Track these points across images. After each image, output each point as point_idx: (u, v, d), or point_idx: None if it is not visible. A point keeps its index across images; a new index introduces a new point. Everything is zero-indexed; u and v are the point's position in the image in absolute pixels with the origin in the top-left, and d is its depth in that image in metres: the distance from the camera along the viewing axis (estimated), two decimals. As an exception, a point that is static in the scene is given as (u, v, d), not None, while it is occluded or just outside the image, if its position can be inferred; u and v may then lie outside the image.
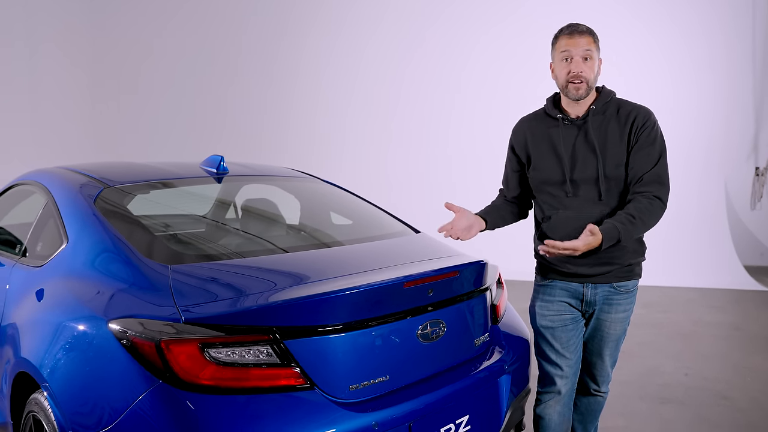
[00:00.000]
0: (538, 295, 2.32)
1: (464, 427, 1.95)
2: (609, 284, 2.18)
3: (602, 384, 2.38)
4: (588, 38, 2.09)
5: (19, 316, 2.17)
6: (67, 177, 2.56)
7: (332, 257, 2.17)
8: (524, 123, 2.32)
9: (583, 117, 2.15)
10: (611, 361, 2.34)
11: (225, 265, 1.99)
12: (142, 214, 2.35)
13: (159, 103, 8.90)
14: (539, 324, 2.29)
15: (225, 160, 2.72)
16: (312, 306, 1.67)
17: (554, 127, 2.20)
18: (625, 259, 2.16)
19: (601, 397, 2.43)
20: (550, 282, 2.26)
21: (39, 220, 2.55)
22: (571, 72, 2.08)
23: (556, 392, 2.28)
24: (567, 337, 2.24)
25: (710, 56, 7.18)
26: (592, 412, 2.46)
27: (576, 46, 2.08)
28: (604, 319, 2.23)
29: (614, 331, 2.25)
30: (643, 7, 7.23)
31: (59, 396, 1.73)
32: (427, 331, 1.89)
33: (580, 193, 2.15)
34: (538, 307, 2.30)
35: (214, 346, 1.58)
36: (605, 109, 2.15)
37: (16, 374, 2.03)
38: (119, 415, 1.58)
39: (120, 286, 1.85)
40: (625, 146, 2.11)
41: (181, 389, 1.54)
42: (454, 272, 1.99)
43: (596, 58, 2.11)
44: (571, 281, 2.20)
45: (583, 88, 2.09)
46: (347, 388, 1.69)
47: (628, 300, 2.22)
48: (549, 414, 2.31)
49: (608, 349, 2.29)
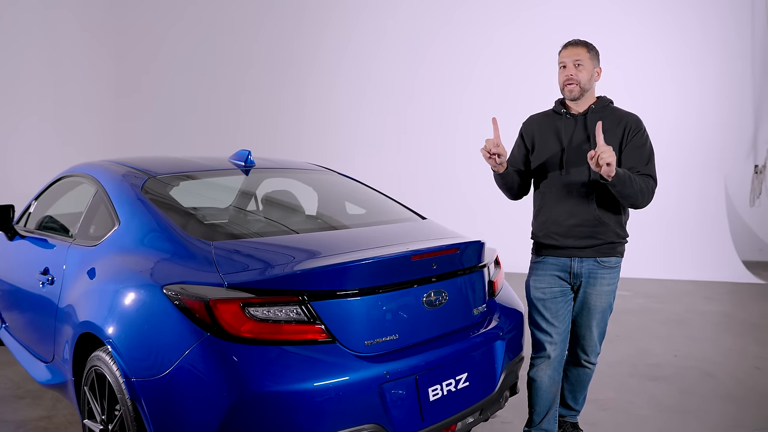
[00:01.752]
0: (532, 272, 2.66)
1: (463, 383, 2.26)
2: (593, 258, 2.51)
3: (591, 355, 2.68)
4: (580, 49, 2.50)
5: (78, 288, 2.51)
6: (114, 169, 2.91)
7: (349, 236, 2.49)
8: (535, 118, 2.72)
9: (584, 113, 2.54)
10: (599, 333, 2.64)
11: (257, 241, 2.31)
12: (182, 200, 2.68)
13: (179, 102, 9.26)
14: (532, 296, 2.62)
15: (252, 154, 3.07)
16: (334, 273, 1.98)
17: (558, 120, 2.60)
18: (608, 237, 2.50)
19: (590, 369, 2.73)
20: (543, 259, 2.61)
21: (90, 207, 2.89)
22: (566, 76, 2.49)
23: (546, 357, 2.58)
24: (557, 307, 2.56)
25: (709, 56, 7.40)
26: (581, 382, 2.76)
27: (569, 56, 2.50)
28: (591, 293, 2.54)
29: (600, 304, 2.56)
30: (643, 8, 7.48)
31: (122, 350, 2.05)
32: (431, 298, 2.21)
33: (571, 175, 2.51)
34: (532, 281, 2.63)
35: (253, 306, 1.90)
36: (603, 111, 2.54)
37: (79, 336, 2.36)
38: (175, 361, 1.90)
39: (169, 258, 2.18)
40: (617, 142, 2.47)
41: (226, 340, 1.86)
42: (455, 249, 2.30)
43: (589, 65, 2.49)
44: (560, 256, 2.54)
45: (576, 90, 2.49)
46: (363, 343, 2.00)
47: (612, 275, 2.54)
48: (540, 377, 2.61)
49: (595, 320, 2.60)
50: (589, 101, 2.55)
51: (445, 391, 2.18)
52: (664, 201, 7.23)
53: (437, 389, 2.15)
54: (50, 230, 3.34)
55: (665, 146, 7.17)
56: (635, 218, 7.44)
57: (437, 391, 2.15)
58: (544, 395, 2.62)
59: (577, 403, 2.82)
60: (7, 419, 3.12)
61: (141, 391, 1.96)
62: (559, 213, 2.54)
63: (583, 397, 2.83)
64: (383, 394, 1.97)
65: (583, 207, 2.50)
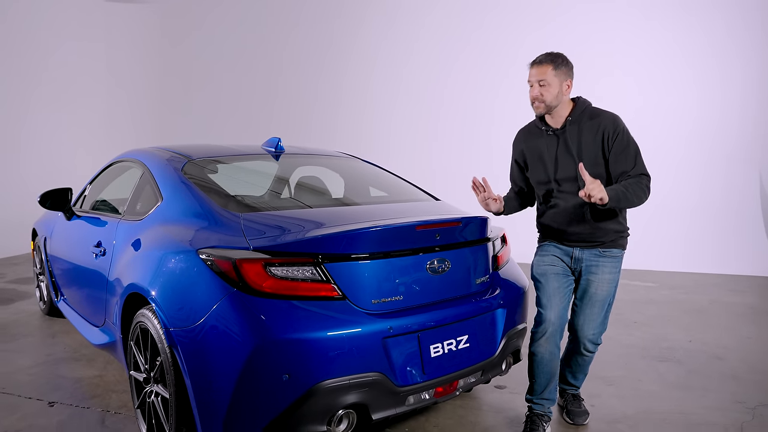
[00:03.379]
0: (537, 253, 2.87)
1: (464, 344, 2.49)
2: (593, 248, 2.68)
3: (590, 344, 2.79)
4: (545, 67, 2.58)
5: (126, 256, 2.85)
6: (158, 153, 3.25)
7: (364, 210, 2.76)
8: (520, 136, 2.89)
9: (562, 127, 2.66)
10: (598, 322, 2.76)
11: (280, 213, 2.60)
12: (216, 179, 3.00)
13: (221, 95, 9.74)
14: (535, 272, 2.82)
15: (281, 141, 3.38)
16: (345, 238, 2.25)
17: (540, 138, 2.75)
18: (608, 237, 2.67)
19: (589, 357, 2.88)
20: (548, 243, 2.83)
21: (137, 187, 3.25)
22: (531, 96, 2.64)
23: (544, 332, 2.73)
24: (557, 284, 2.73)
25: (742, 50, 7.32)
26: (580, 366, 2.93)
27: (533, 76, 2.62)
28: (592, 281, 2.69)
29: (601, 292, 2.69)
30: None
31: (163, 305, 2.36)
32: (434, 266, 2.45)
33: (564, 188, 2.68)
34: (536, 260, 2.84)
35: (274, 266, 2.18)
36: (580, 119, 2.64)
37: (126, 297, 2.69)
38: (206, 312, 2.19)
39: (204, 227, 2.48)
40: (599, 149, 2.59)
41: (250, 294, 2.14)
42: (458, 222, 2.53)
43: (555, 82, 2.58)
44: (562, 245, 2.75)
45: (542, 107, 2.63)
46: (370, 301, 2.26)
47: (614, 264, 2.69)
48: (540, 352, 2.76)
49: (595, 309, 2.72)
50: (564, 112, 2.66)
51: (446, 350, 2.41)
52: (696, 195, 7.25)
53: (438, 347, 2.39)
54: (102, 210, 3.72)
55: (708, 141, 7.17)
56: (664, 211, 7.43)
57: (438, 349, 2.39)
58: (544, 368, 2.77)
59: (576, 380, 2.99)
60: (67, 376, 3.50)
61: (177, 338, 2.26)
62: (558, 223, 2.73)
63: (583, 376, 2.99)
64: (387, 347, 2.22)
65: (578, 218, 2.67)
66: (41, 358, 3.85)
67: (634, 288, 6.10)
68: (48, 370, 3.61)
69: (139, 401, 2.68)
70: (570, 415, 2.94)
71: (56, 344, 4.13)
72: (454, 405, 3.12)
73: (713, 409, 3.08)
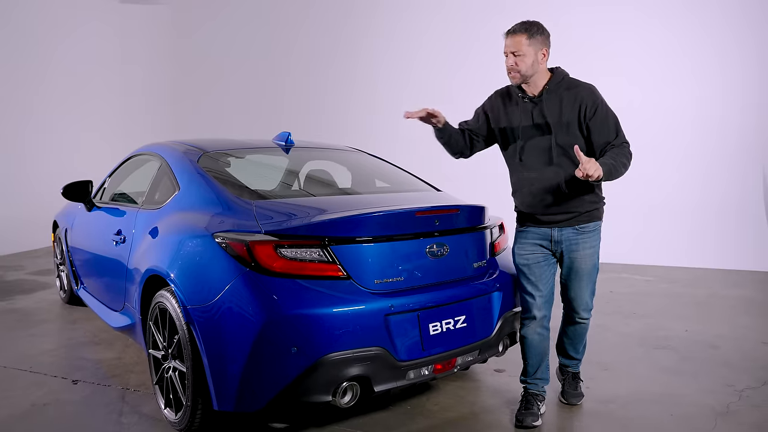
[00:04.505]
0: (517, 240, 2.92)
1: (461, 323, 2.65)
2: (572, 227, 2.77)
3: (583, 312, 2.93)
4: (519, 36, 2.62)
5: (145, 242, 3.04)
6: (175, 146, 3.45)
7: (368, 198, 2.93)
8: (496, 97, 2.90)
9: (539, 95, 2.71)
10: (589, 292, 2.89)
11: (290, 201, 2.78)
12: (230, 170, 3.18)
13: (231, 91, 9.97)
14: (518, 262, 2.90)
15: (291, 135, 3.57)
16: (350, 223, 2.42)
17: (514, 105, 2.78)
18: (584, 208, 2.74)
19: (584, 324, 2.99)
20: (526, 228, 2.87)
21: (155, 178, 3.44)
22: (507, 66, 2.68)
23: (533, 317, 2.87)
24: (540, 272, 2.84)
25: (743, 45, 7.39)
26: (579, 335, 3.06)
27: (507, 47, 2.66)
28: (575, 258, 2.80)
29: (585, 266, 2.81)
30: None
31: (181, 284, 2.54)
32: (433, 250, 2.61)
33: (533, 159, 2.72)
34: (517, 248, 2.90)
35: (283, 247, 2.35)
36: (557, 89, 2.69)
37: (146, 280, 2.88)
38: (221, 291, 2.37)
39: (219, 213, 2.67)
40: (575, 120, 2.65)
41: (261, 274, 2.32)
42: (455, 209, 2.70)
43: (530, 52, 2.61)
44: (540, 226, 2.82)
45: (517, 77, 2.67)
46: (373, 281, 2.43)
47: (593, 238, 2.80)
48: (531, 336, 2.90)
49: (583, 281, 2.84)
50: (542, 81, 2.69)
51: (444, 329, 2.58)
52: (698, 191, 7.34)
53: (437, 326, 2.55)
54: (121, 201, 3.92)
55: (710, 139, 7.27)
56: (666, 208, 7.51)
57: (437, 327, 2.55)
58: (535, 351, 2.91)
59: (577, 352, 3.07)
60: (88, 358, 3.71)
61: (195, 315, 2.44)
62: (532, 197, 2.76)
63: (583, 346, 3.08)
64: (388, 324, 2.39)
65: (551, 189, 2.70)
66: (63, 341, 4.05)
67: (634, 282, 6.23)
68: (70, 353, 3.81)
69: (157, 377, 2.87)
70: (566, 396, 3.08)
71: (76, 330, 4.34)
72: (454, 386, 3.28)
73: (703, 391, 3.21)
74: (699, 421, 2.83)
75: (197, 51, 10.17)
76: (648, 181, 7.15)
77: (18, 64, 8.15)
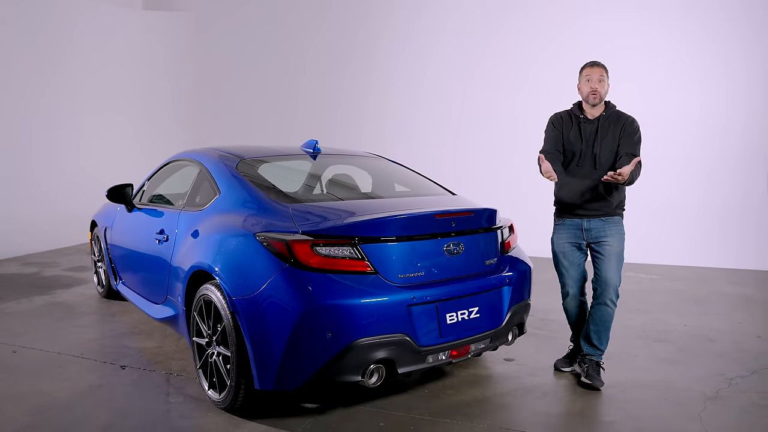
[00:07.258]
0: (555, 231, 3.58)
1: (475, 314, 2.96)
2: (599, 218, 3.37)
3: (612, 294, 3.36)
4: (601, 68, 3.40)
5: (189, 241, 3.37)
6: (213, 153, 3.78)
7: (392, 202, 3.24)
8: (561, 119, 3.55)
9: (597, 118, 3.41)
10: (617, 275, 3.36)
11: (322, 204, 3.10)
12: (265, 175, 3.51)
13: (249, 96, 10.31)
14: (556, 249, 3.54)
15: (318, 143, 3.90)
16: (377, 224, 2.74)
17: (576, 125, 3.46)
18: (611, 209, 3.41)
19: (611, 308, 3.39)
20: (563, 221, 3.51)
21: (195, 183, 3.77)
22: (591, 88, 3.37)
23: (567, 293, 3.59)
24: (573, 257, 3.48)
25: (747, 52, 7.61)
26: (604, 322, 3.41)
27: (594, 73, 3.39)
28: (604, 241, 3.37)
29: (614, 247, 3.37)
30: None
31: (226, 278, 2.86)
32: (450, 248, 2.93)
33: (584, 165, 3.40)
34: (555, 237, 3.56)
35: (319, 246, 2.67)
36: (610, 116, 3.42)
37: (191, 275, 3.21)
38: (263, 284, 2.69)
39: (259, 215, 2.99)
40: (617, 142, 3.38)
41: (299, 269, 2.64)
42: (470, 212, 3.02)
43: (606, 81, 3.39)
44: (574, 218, 3.42)
45: (597, 98, 3.39)
46: (397, 276, 2.75)
47: (617, 226, 3.42)
48: (569, 308, 3.63)
49: (614, 260, 3.36)
50: (601, 108, 3.44)
51: (460, 318, 2.90)
52: (701, 193, 7.59)
53: (453, 316, 2.87)
54: (159, 203, 4.26)
55: (713, 141, 7.52)
56: (670, 208, 7.77)
57: (453, 317, 2.87)
58: (573, 317, 3.66)
59: (601, 343, 3.44)
60: (131, 347, 4.06)
61: (240, 305, 2.77)
62: (575, 192, 3.41)
63: (606, 338, 3.46)
64: (411, 314, 2.71)
65: (591, 189, 3.37)
66: (106, 332, 4.41)
67: (638, 279, 6.50)
68: (114, 342, 4.16)
69: (201, 362, 3.20)
70: (590, 378, 3.36)
71: (116, 321, 4.69)
72: (467, 373, 3.59)
73: (696, 379, 3.51)
74: (690, 405, 3.13)
75: (216, 54, 10.52)
76: (654, 184, 7.40)
77: (47, 71, 8.55)
